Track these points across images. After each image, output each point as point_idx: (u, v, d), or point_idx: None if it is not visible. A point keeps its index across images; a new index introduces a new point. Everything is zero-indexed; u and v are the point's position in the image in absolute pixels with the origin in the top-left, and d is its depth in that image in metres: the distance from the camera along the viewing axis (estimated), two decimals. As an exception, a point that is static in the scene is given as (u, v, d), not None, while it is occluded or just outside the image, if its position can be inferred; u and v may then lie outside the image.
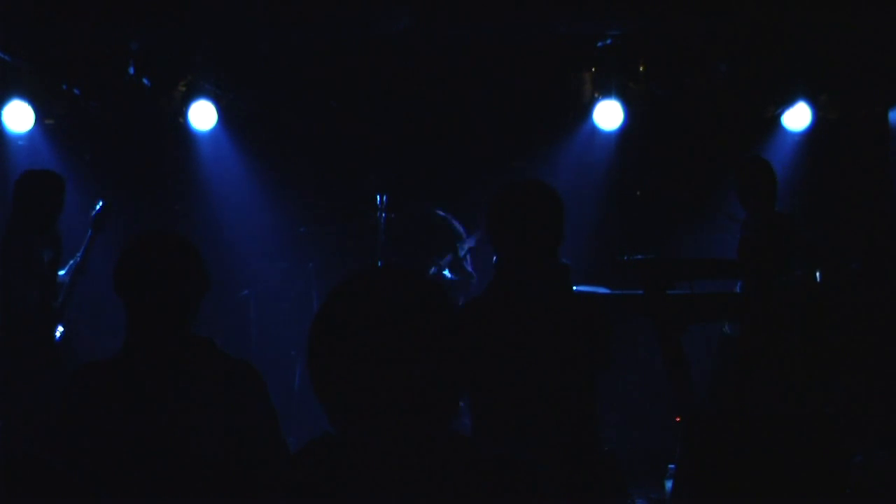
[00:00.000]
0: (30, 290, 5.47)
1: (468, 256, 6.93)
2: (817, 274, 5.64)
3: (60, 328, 5.69)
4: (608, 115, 7.48)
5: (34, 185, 5.61)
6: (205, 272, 2.72)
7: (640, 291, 5.42)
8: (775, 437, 4.53)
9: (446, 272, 6.81)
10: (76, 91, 7.49)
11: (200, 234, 7.29)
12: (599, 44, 7.27)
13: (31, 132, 7.42)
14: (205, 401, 2.62)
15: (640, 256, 5.62)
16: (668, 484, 5.66)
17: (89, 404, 2.61)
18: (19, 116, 7.26)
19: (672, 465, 5.53)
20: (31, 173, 5.73)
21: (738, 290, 5.93)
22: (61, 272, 5.78)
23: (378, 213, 6.78)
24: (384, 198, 6.79)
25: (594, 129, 7.65)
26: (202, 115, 7.49)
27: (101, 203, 5.90)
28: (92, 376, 2.69)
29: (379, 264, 6.18)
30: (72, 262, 5.81)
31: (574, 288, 3.64)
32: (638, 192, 7.34)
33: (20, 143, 7.52)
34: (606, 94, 7.46)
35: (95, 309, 6.28)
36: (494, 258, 3.39)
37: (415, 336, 1.68)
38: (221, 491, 2.59)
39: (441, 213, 6.96)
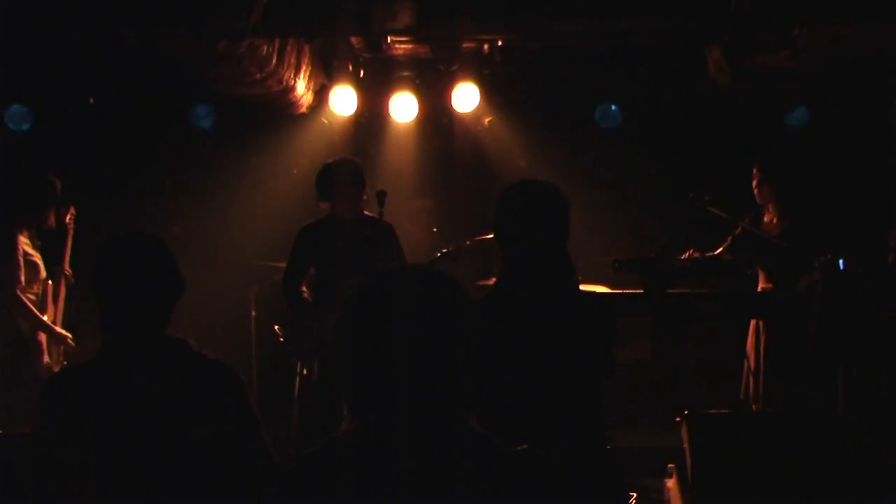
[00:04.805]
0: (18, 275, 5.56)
1: None
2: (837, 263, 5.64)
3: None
4: (606, 114, 7.51)
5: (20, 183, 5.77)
6: (178, 272, 2.71)
7: (640, 291, 5.44)
8: (775, 437, 4.54)
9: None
10: (76, 91, 7.49)
11: (200, 234, 7.29)
12: (596, 44, 7.28)
13: (30, 132, 7.42)
14: (180, 402, 2.60)
15: (640, 256, 5.63)
16: (668, 484, 5.66)
17: (65, 411, 2.59)
18: (23, 116, 7.26)
19: (672, 465, 5.53)
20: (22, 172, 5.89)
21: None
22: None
23: (378, 213, 6.75)
24: (384, 198, 6.76)
25: (594, 128, 7.66)
26: (205, 115, 7.49)
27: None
28: (66, 382, 2.67)
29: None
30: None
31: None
32: (639, 191, 7.34)
33: (20, 143, 7.51)
34: (605, 93, 7.47)
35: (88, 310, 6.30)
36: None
37: (437, 332, 1.73)
38: (200, 494, 2.58)
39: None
